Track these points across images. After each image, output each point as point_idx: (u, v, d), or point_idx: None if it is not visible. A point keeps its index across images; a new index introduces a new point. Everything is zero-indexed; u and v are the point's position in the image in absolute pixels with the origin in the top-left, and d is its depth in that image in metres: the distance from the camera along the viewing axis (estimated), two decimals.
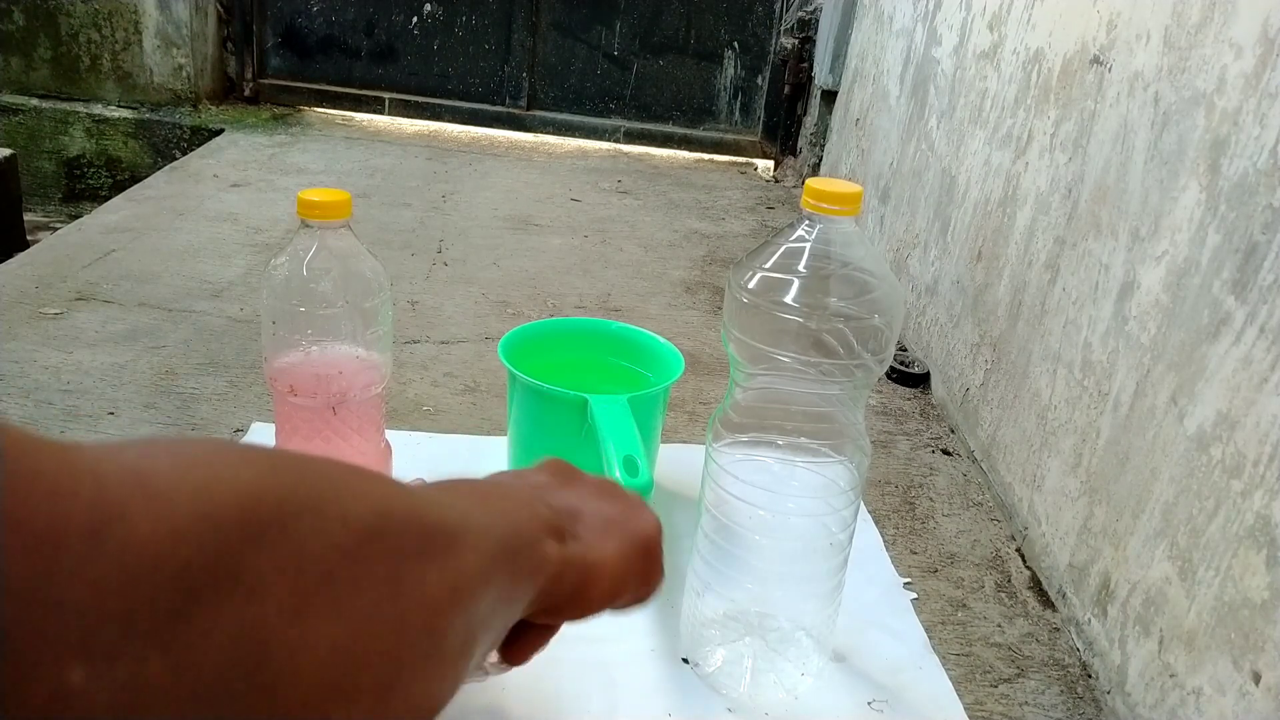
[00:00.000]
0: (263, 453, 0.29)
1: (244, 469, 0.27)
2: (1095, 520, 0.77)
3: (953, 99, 1.22)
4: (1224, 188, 0.65)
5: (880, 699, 0.68)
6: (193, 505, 0.24)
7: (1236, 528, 0.60)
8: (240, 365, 1.04)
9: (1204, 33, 0.70)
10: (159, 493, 0.23)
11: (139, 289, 1.21)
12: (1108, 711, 0.71)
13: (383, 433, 0.76)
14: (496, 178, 1.90)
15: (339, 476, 0.30)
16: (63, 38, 2.04)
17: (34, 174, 2.03)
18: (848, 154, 1.76)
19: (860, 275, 0.58)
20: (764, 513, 0.62)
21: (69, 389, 0.95)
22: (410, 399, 1.01)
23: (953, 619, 0.78)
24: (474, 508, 0.37)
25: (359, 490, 0.30)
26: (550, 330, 0.89)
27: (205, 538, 0.24)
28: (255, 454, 0.28)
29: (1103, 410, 0.78)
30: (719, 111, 2.28)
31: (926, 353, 1.22)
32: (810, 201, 0.57)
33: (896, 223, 1.40)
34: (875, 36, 1.67)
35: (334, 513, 0.28)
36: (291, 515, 0.26)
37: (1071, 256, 0.87)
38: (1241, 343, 0.62)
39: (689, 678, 0.67)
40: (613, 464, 0.66)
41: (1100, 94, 0.85)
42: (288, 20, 2.20)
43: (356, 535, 0.28)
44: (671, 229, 1.70)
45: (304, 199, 0.65)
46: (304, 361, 0.69)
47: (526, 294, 1.33)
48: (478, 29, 2.21)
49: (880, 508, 0.92)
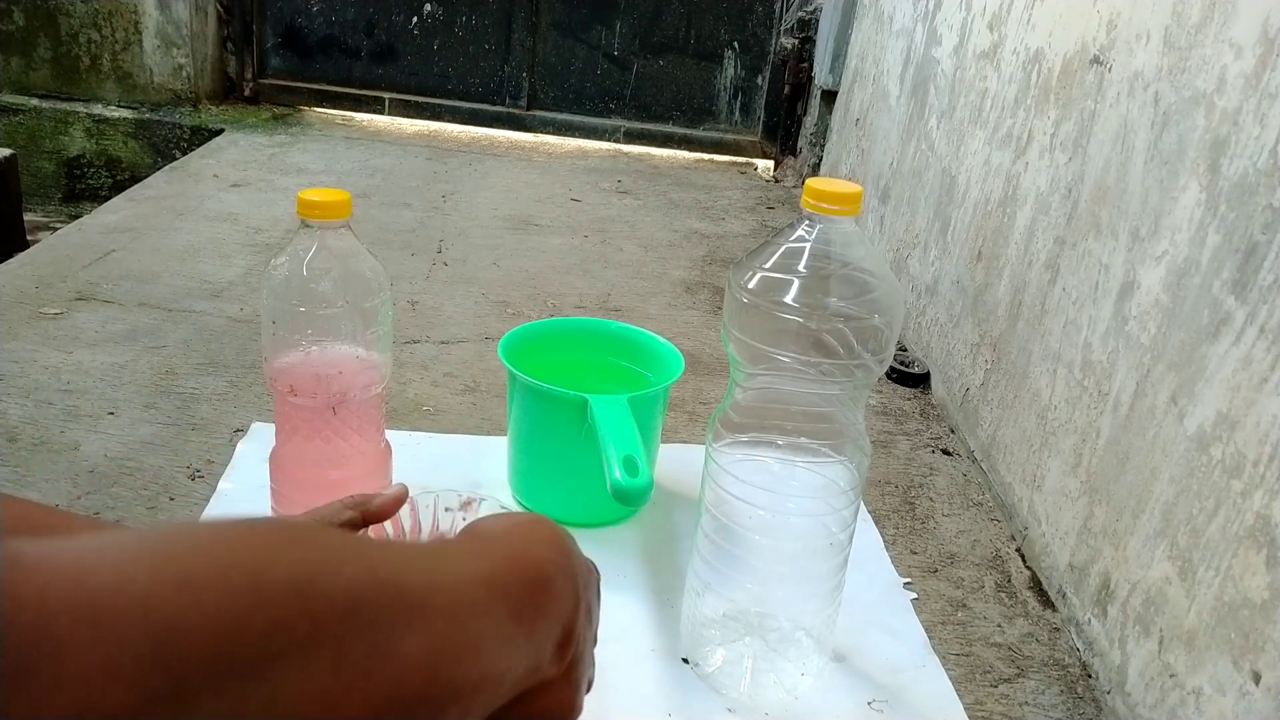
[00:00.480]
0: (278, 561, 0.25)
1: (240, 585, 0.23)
2: (1095, 520, 0.77)
3: (953, 99, 1.22)
4: (1224, 188, 0.65)
5: (880, 699, 0.68)
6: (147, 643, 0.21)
7: (1236, 528, 0.60)
8: (240, 365, 1.04)
9: (1204, 33, 0.70)
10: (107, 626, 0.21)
11: (139, 289, 1.21)
12: (1108, 711, 0.71)
13: (383, 433, 0.76)
14: (496, 178, 1.90)
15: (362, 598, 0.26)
16: (63, 38, 2.04)
17: (34, 174, 2.03)
18: (848, 154, 1.76)
19: (860, 275, 0.58)
20: (764, 513, 0.62)
21: (69, 389, 0.95)
22: (410, 399, 1.01)
23: (953, 619, 0.78)
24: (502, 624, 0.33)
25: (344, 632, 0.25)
26: (550, 330, 0.89)
27: (152, 680, 0.21)
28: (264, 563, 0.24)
29: (1103, 410, 0.78)
30: (719, 111, 2.28)
31: (926, 353, 1.22)
32: (810, 201, 0.57)
33: (896, 223, 1.40)
34: (875, 36, 1.67)
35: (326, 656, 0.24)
36: (273, 657, 0.23)
37: (1071, 256, 0.87)
38: (1241, 343, 0.62)
39: (689, 678, 0.67)
40: (613, 464, 0.66)
41: (1100, 94, 0.85)
42: (288, 20, 2.20)
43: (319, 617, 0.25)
44: (671, 229, 1.70)
45: (304, 199, 0.65)
46: (304, 361, 0.69)
47: (526, 294, 1.33)
48: (478, 29, 2.21)
49: (880, 508, 0.92)
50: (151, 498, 0.81)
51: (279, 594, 0.24)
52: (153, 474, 0.84)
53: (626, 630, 0.71)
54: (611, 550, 0.80)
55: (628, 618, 0.73)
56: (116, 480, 0.82)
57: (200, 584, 0.23)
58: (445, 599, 0.30)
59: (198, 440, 0.89)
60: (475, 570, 0.33)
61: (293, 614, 0.24)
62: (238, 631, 0.23)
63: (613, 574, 0.78)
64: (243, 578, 0.24)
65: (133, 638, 0.21)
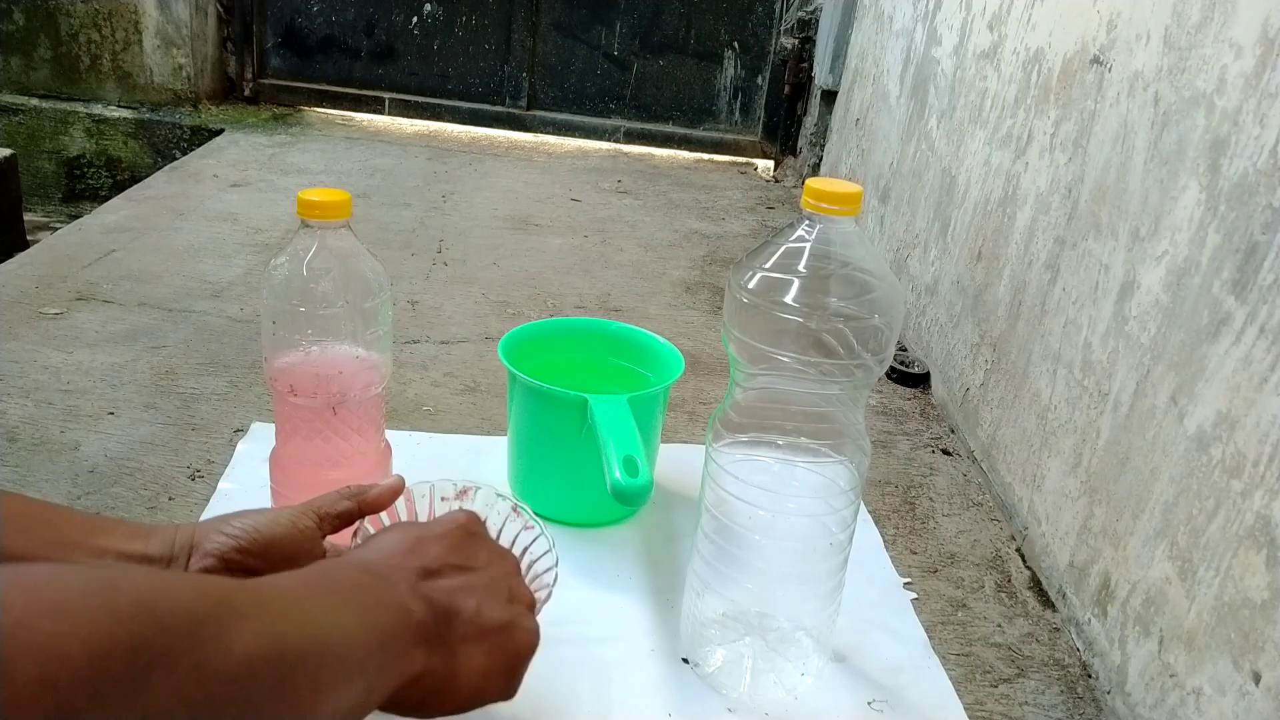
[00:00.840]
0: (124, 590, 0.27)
1: (97, 609, 0.25)
2: (1095, 520, 0.77)
3: (953, 99, 1.22)
4: (1224, 188, 0.65)
5: (880, 699, 0.68)
6: (35, 665, 0.23)
7: (1236, 528, 0.60)
8: (240, 365, 1.04)
9: (1204, 33, 0.70)
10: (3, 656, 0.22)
11: (139, 289, 1.21)
12: (1108, 711, 0.71)
13: (383, 433, 0.76)
14: (496, 178, 1.90)
15: (203, 615, 0.28)
16: (63, 38, 2.04)
17: (34, 174, 2.03)
18: (848, 154, 1.76)
19: (860, 275, 0.58)
20: (764, 513, 0.62)
21: (69, 389, 0.95)
22: (410, 399, 1.01)
23: (953, 619, 0.78)
24: (342, 614, 0.36)
25: (215, 630, 0.28)
26: (550, 330, 0.89)
27: (45, 701, 0.23)
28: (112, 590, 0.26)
29: (1103, 410, 0.78)
30: (719, 111, 2.28)
31: (926, 353, 1.22)
32: (810, 201, 0.57)
33: (896, 223, 1.40)
34: (875, 36, 1.67)
35: (186, 662, 0.27)
36: (143, 669, 0.25)
37: (1071, 256, 0.87)
38: (1241, 343, 0.62)
39: (689, 678, 0.67)
40: (613, 464, 0.66)
41: (1100, 94, 0.85)
42: (288, 20, 2.20)
43: (207, 684, 0.27)
44: (671, 229, 1.70)
45: (304, 199, 0.65)
46: (304, 361, 0.69)
47: (526, 294, 1.33)
48: (478, 29, 2.21)
49: (880, 508, 0.92)
50: (151, 498, 0.81)
51: (131, 612, 0.26)
52: (153, 474, 0.84)
53: (626, 630, 0.71)
54: (611, 550, 0.80)
55: (628, 618, 0.73)
56: (116, 480, 0.82)
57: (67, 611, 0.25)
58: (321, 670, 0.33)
59: (198, 440, 0.89)
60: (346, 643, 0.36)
61: (148, 631, 0.26)
62: (109, 651, 0.25)
63: (613, 574, 0.78)
64: (98, 602, 0.26)
65: (23, 662, 0.23)
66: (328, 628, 0.35)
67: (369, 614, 0.39)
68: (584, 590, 0.75)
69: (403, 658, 0.40)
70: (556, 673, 0.65)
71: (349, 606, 0.38)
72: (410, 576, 0.45)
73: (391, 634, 0.40)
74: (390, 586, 0.42)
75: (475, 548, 0.50)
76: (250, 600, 0.32)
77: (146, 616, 0.26)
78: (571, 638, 0.70)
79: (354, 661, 0.35)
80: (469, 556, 0.49)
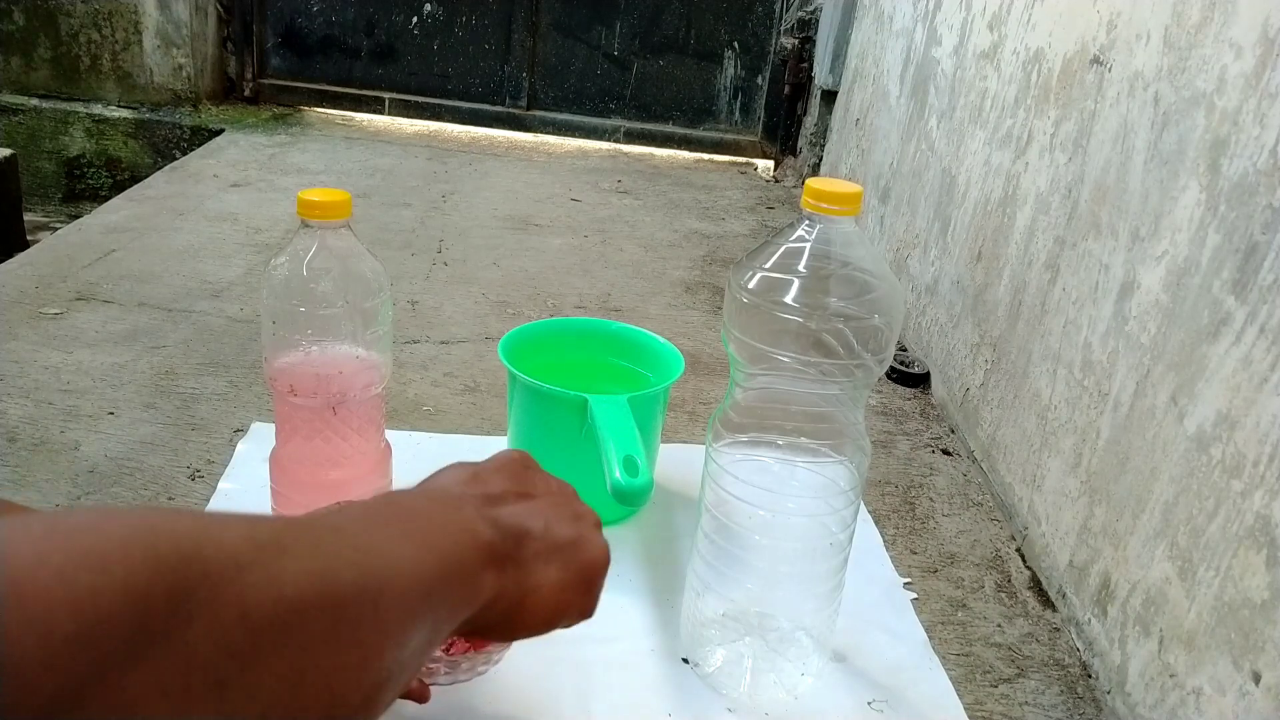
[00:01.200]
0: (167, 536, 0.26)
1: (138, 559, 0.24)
2: (1095, 520, 0.77)
3: (953, 99, 1.22)
4: (1224, 188, 0.65)
5: (880, 699, 0.68)
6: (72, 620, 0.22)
7: (1236, 528, 0.60)
8: (240, 365, 1.04)
9: (1204, 33, 0.70)
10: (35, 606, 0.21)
11: (139, 289, 1.21)
12: (1108, 711, 0.71)
13: (383, 433, 0.76)
14: (496, 178, 1.90)
15: (249, 558, 0.27)
16: (63, 38, 2.04)
17: (34, 174, 2.03)
18: (848, 154, 1.76)
19: (860, 275, 0.58)
20: (764, 513, 0.62)
21: (69, 389, 0.95)
22: (410, 399, 1.01)
23: (953, 619, 0.78)
24: (403, 546, 0.35)
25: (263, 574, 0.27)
26: (550, 330, 0.89)
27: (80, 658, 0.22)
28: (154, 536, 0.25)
29: (1103, 410, 0.78)
30: (719, 111, 2.28)
31: (926, 353, 1.22)
32: (810, 201, 0.57)
33: (896, 223, 1.40)
34: (875, 36, 1.67)
35: (231, 610, 0.25)
36: (184, 620, 0.24)
37: (1071, 256, 0.87)
38: (1241, 343, 0.62)
39: (689, 678, 0.67)
40: (613, 464, 0.66)
41: (1100, 94, 0.85)
42: (288, 20, 2.20)
43: (255, 632, 0.26)
44: (671, 229, 1.70)
45: (304, 199, 0.65)
46: (304, 361, 0.69)
47: (526, 294, 1.33)
48: (478, 29, 2.21)
49: (880, 508, 0.92)
50: (151, 498, 0.81)
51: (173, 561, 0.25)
52: (153, 474, 0.84)
53: (626, 630, 0.71)
54: (612, 550, 0.80)
55: (628, 618, 0.72)
56: (116, 480, 0.82)
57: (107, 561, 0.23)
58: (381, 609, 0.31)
59: (198, 440, 0.89)
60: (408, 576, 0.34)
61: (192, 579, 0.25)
62: (149, 602, 0.24)
63: (613, 574, 0.77)
64: (139, 551, 0.24)
65: (60, 613, 0.22)
66: (389, 562, 0.33)
67: (433, 541, 0.37)
68: None
69: (472, 584, 0.38)
70: (556, 673, 0.65)
71: (410, 537, 0.36)
72: (475, 501, 0.44)
73: (458, 560, 0.38)
74: (455, 511, 0.41)
75: (533, 477, 0.49)
76: (302, 538, 0.30)
77: (190, 564, 0.25)
78: (572, 638, 0.69)
79: (419, 595, 0.34)
80: (529, 484, 0.48)
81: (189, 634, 0.24)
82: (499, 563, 0.40)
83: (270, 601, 0.27)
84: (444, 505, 0.42)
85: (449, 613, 0.37)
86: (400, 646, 0.32)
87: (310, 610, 0.28)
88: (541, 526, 0.45)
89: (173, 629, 0.24)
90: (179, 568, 0.25)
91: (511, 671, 0.64)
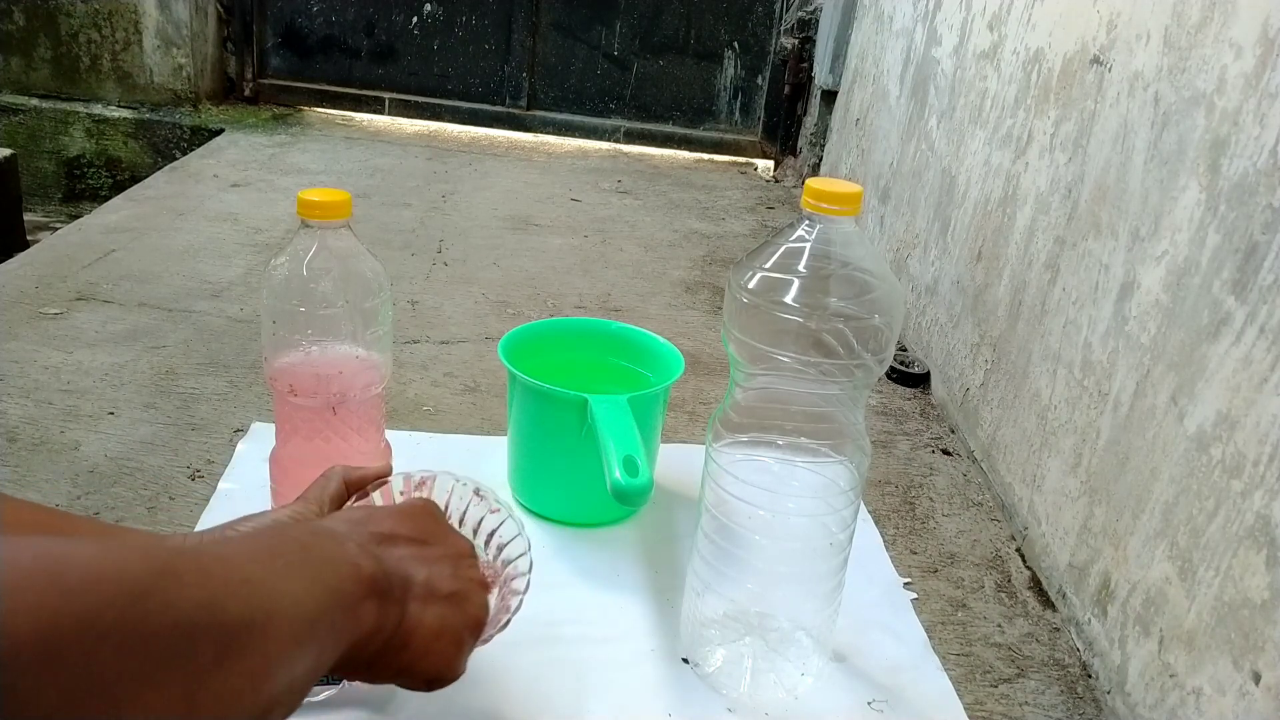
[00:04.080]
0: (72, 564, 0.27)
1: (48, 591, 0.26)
2: (1095, 520, 0.77)
3: (953, 99, 1.22)
4: (1224, 188, 0.65)
5: (880, 699, 0.68)
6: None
7: (1236, 528, 0.60)
8: (240, 365, 1.04)
9: (1204, 33, 0.70)
10: None
11: (139, 289, 1.21)
12: (1108, 711, 0.71)
13: (383, 433, 0.76)
14: (496, 178, 1.90)
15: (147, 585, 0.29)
16: (63, 38, 2.04)
17: (34, 174, 2.03)
18: (848, 154, 1.76)
19: (860, 275, 0.58)
20: (764, 513, 0.62)
21: (69, 389, 0.95)
22: (410, 399, 1.01)
23: (953, 619, 0.78)
24: (288, 580, 0.36)
25: (163, 604, 0.29)
26: (550, 330, 0.89)
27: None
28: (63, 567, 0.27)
29: (1103, 410, 0.78)
30: (719, 111, 2.28)
31: (926, 353, 1.22)
32: (810, 201, 0.57)
33: (896, 223, 1.40)
34: (875, 36, 1.67)
35: (134, 638, 0.27)
36: (93, 643, 0.26)
37: (1071, 256, 0.87)
38: (1241, 343, 0.62)
39: (689, 678, 0.67)
40: (613, 464, 0.66)
41: (1100, 94, 0.85)
42: (288, 20, 2.20)
43: (156, 660, 0.28)
44: (671, 229, 1.70)
45: (304, 199, 0.65)
46: (304, 361, 0.69)
47: (526, 294, 1.33)
48: (478, 29, 2.21)
49: (880, 508, 0.92)
50: (151, 498, 0.81)
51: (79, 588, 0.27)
52: (153, 474, 0.84)
53: (626, 630, 0.71)
54: (611, 550, 0.80)
55: (628, 618, 0.73)
56: (116, 480, 0.82)
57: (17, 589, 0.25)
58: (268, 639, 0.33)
59: (198, 440, 0.89)
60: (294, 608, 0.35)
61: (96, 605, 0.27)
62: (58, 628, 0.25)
63: (613, 574, 0.78)
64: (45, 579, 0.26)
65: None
66: (272, 594, 0.34)
67: (317, 572, 0.39)
68: (584, 590, 0.75)
69: (354, 614, 0.40)
70: (557, 672, 0.66)
71: (295, 569, 0.37)
72: (361, 537, 0.45)
73: (340, 590, 0.39)
74: (340, 544, 0.43)
75: (433, 528, 0.51)
76: (193, 568, 0.31)
77: (93, 590, 0.27)
78: (572, 638, 0.70)
79: (302, 625, 0.35)
80: (426, 533, 0.49)
81: (99, 656, 0.26)
82: (379, 595, 0.42)
83: (167, 627, 0.28)
84: (329, 538, 0.43)
85: (333, 641, 0.38)
86: (288, 674, 0.33)
87: (201, 639, 0.30)
88: (424, 574, 0.47)
89: (85, 652, 0.25)
90: (84, 594, 0.26)
91: (511, 671, 0.64)
